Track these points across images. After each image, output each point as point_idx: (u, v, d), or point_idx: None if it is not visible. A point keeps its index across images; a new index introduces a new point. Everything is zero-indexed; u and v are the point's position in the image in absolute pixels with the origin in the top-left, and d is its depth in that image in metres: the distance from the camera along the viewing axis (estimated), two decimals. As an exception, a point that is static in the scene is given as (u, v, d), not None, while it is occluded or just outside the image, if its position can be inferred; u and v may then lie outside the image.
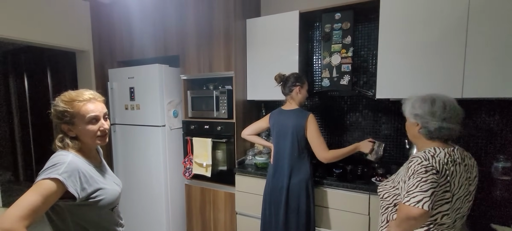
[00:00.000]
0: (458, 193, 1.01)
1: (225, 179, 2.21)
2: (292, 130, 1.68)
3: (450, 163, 0.99)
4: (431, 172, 0.95)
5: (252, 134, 1.95)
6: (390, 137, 2.05)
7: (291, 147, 1.69)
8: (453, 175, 0.99)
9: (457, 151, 1.04)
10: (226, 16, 2.07)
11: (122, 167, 2.61)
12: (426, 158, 0.98)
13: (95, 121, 1.01)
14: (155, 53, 2.44)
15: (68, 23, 2.47)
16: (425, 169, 0.96)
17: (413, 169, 0.99)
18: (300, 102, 1.76)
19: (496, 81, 1.49)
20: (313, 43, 2.27)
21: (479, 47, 1.51)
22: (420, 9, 1.63)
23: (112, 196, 1.03)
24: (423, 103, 1.06)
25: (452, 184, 0.99)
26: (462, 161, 1.03)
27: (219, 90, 2.17)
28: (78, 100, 0.97)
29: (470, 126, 1.81)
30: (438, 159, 0.98)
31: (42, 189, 0.82)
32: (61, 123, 0.97)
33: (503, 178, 1.64)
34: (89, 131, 0.99)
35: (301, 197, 1.66)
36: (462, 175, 1.01)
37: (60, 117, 0.97)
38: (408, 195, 0.96)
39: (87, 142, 1.01)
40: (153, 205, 2.44)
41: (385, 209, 1.17)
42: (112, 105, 2.57)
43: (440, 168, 0.97)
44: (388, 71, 1.75)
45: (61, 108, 0.96)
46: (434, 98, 1.05)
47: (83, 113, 0.97)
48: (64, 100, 0.97)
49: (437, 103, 1.03)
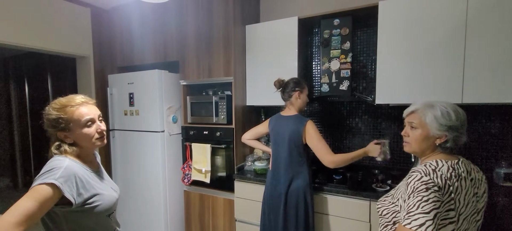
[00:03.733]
0: (465, 212, 0.89)
1: (224, 185, 2.19)
2: (289, 136, 1.66)
3: (454, 178, 0.89)
4: (432, 190, 0.85)
5: (251, 138, 1.94)
6: (390, 143, 2.03)
7: (289, 153, 1.67)
8: (458, 192, 0.88)
9: (462, 164, 0.93)
10: (225, 22, 2.08)
11: (121, 173, 2.60)
12: (426, 173, 0.88)
13: (91, 123, 1.00)
14: (155, 59, 2.45)
15: (69, 29, 2.49)
16: (426, 186, 0.85)
17: (412, 186, 0.88)
18: (299, 108, 1.74)
19: (496, 86, 1.49)
20: (312, 49, 2.28)
21: (478, 52, 1.51)
22: (418, 14, 1.63)
23: (109, 202, 1.02)
24: (456, 113, 0.93)
25: (457, 202, 0.88)
26: (468, 175, 0.92)
27: (219, 96, 2.17)
28: (70, 105, 0.97)
29: (471, 132, 1.80)
30: (440, 173, 0.88)
31: (38, 194, 0.81)
32: (57, 130, 0.97)
33: (506, 184, 1.62)
34: (86, 134, 0.98)
35: (300, 204, 1.64)
36: (469, 191, 0.90)
37: (55, 124, 0.96)
38: (409, 217, 0.85)
39: (86, 146, 1.00)
40: (152, 212, 2.41)
41: (384, 227, 1.06)
42: (111, 111, 2.57)
43: (442, 183, 0.86)
44: (387, 77, 1.74)
45: (54, 116, 0.96)
46: (454, 107, 0.95)
47: (78, 117, 0.97)
48: (56, 107, 0.97)
49: (460, 114, 0.94)
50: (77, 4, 2.54)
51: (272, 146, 1.79)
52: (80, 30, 2.59)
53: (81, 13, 2.59)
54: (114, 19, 2.67)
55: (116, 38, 2.67)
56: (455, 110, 0.94)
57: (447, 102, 0.97)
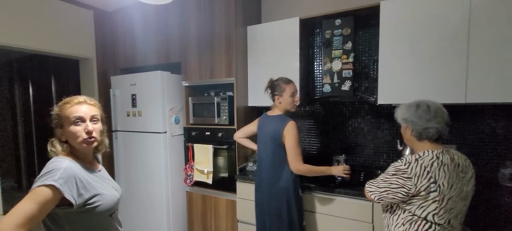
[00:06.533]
0: (450, 193, 1.05)
1: (227, 186, 2.18)
2: (271, 136, 1.66)
3: (435, 165, 1.05)
4: (398, 175, 1.09)
5: (243, 137, 1.96)
6: (393, 142, 2.03)
7: (271, 153, 1.66)
8: (441, 177, 1.04)
9: (446, 152, 1.10)
10: (227, 24, 2.08)
11: (124, 173, 2.61)
12: (406, 162, 1.09)
13: (80, 122, 0.97)
14: (158, 61, 2.46)
15: (72, 32, 2.51)
16: (394, 172, 1.11)
17: (391, 166, 1.15)
18: (284, 109, 1.70)
19: (500, 86, 1.47)
20: (314, 50, 2.27)
21: (482, 51, 1.49)
22: (420, 14, 1.62)
23: (111, 202, 1.02)
24: (409, 108, 1.16)
25: (441, 186, 1.04)
26: (452, 161, 1.08)
27: (220, 97, 2.17)
28: (69, 103, 0.99)
29: (476, 132, 1.78)
30: (421, 162, 1.07)
31: (38, 197, 0.81)
32: (55, 127, 0.99)
33: (511, 185, 1.60)
34: (72, 132, 0.96)
35: (283, 205, 1.64)
36: (452, 175, 1.05)
37: (53, 121, 0.99)
38: (371, 184, 1.22)
39: (74, 145, 0.98)
40: (154, 212, 2.42)
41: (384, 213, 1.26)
42: (114, 112, 2.58)
43: (421, 171, 1.05)
44: (389, 77, 1.73)
45: (54, 113, 0.99)
46: (418, 103, 1.15)
47: (68, 114, 0.97)
48: (59, 105, 1.00)
49: (421, 107, 1.13)
50: (80, 7, 2.57)
51: (257, 145, 1.80)
52: (83, 32, 2.61)
53: (84, 16, 2.61)
54: (116, 21, 2.68)
55: (118, 40, 2.69)
56: (416, 105, 1.14)
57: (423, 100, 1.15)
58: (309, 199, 1.81)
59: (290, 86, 1.69)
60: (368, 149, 2.11)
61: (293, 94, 1.69)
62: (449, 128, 1.12)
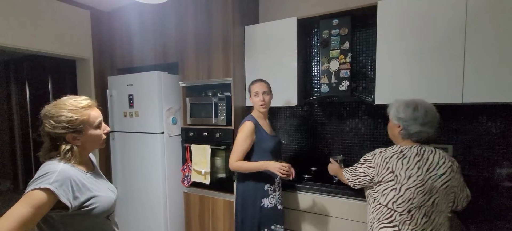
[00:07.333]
0: (407, 184, 1.12)
1: (224, 186, 2.18)
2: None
3: (394, 157, 1.16)
4: (365, 165, 1.26)
5: None
6: (390, 143, 2.02)
7: None
8: (398, 168, 1.14)
9: (414, 148, 1.16)
10: (224, 24, 2.08)
11: (121, 174, 2.59)
12: (372, 154, 1.25)
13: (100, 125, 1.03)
14: (155, 61, 2.45)
15: (69, 32, 2.49)
16: (363, 161, 1.29)
17: (362, 157, 1.31)
18: (258, 110, 1.69)
19: (496, 86, 1.48)
20: (312, 49, 2.27)
21: (478, 51, 1.50)
22: (418, 14, 1.62)
23: (107, 204, 1.01)
24: (407, 108, 1.17)
25: (399, 175, 1.13)
26: (416, 155, 1.14)
27: (218, 97, 2.16)
28: (83, 107, 0.97)
29: (472, 132, 1.78)
30: (383, 154, 1.20)
31: (32, 200, 0.80)
32: (67, 132, 0.92)
33: (508, 184, 1.60)
34: (97, 135, 1.01)
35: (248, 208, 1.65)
36: (411, 167, 1.12)
37: (68, 126, 0.91)
38: (348, 170, 1.37)
39: (92, 147, 1.02)
40: (152, 213, 2.41)
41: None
42: (111, 112, 2.57)
43: (380, 161, 1.19)
44: (387, 77, 1.73)
45: (70, 118, 0.92)
46: (417, 104, 1.16)
47: (93, 119, 0.99)
48: (72, 110, 0.93)
49: (419, 110, 1.14)
50: (77, 7, 2.55)
51: None
52: (80, 32, 2.60)
53: (81, 16, 2.60)
54: (113, 21, 2.67)
55: (115, 40, 2.67)
56: (414, 106, 1.15)
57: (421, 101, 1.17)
58: (307, 199, 1.80)
59: (254, 86, 1.67)
60: (365, 149, 2.11)
61: (256, 94, 1.64)
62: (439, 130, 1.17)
